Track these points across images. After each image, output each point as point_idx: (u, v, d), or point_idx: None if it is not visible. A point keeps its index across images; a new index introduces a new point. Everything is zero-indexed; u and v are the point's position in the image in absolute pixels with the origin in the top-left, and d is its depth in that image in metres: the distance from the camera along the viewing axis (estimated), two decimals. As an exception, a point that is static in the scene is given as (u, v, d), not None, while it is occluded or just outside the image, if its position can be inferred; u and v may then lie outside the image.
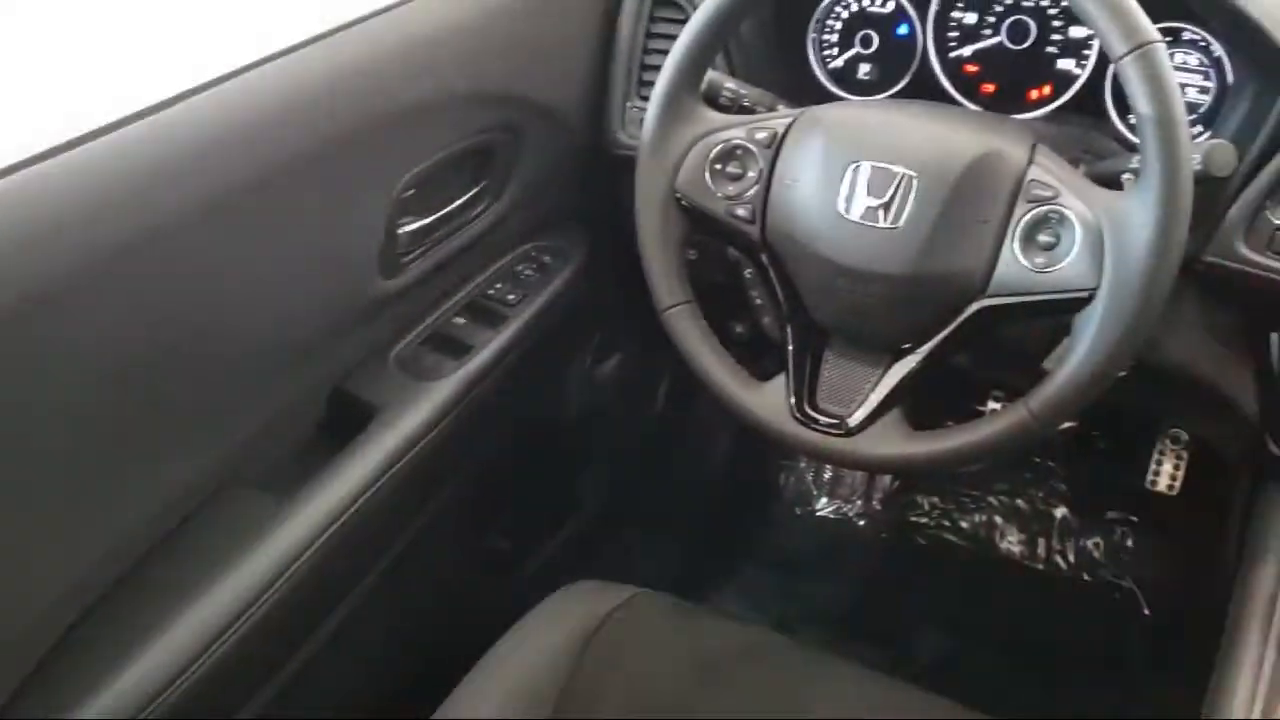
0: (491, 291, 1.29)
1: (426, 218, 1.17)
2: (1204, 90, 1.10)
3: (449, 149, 1.14)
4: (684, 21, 1.03)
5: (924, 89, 1.23)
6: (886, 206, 0.93)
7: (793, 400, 1.00)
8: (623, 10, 1.26)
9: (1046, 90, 1.18)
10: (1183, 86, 0.85)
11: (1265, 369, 1.06)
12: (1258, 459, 1.15)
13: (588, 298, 1.39)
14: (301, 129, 0.93)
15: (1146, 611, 1.68)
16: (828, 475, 1.92)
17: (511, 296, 1.28)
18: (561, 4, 1.24)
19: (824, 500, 1.90)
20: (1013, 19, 1.18)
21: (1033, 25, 1.17)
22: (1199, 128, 1.08)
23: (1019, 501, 1.81)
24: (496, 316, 1.26)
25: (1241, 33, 0.96)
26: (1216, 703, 0.98)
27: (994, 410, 1.27)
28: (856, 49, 1.26)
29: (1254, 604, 1.03)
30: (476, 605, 1.41)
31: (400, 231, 1.14)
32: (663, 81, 1.01)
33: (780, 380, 1.01)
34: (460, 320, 1.25)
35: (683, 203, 1.02)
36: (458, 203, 1.21)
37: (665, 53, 1.02)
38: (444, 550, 1.35)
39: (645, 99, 1.19)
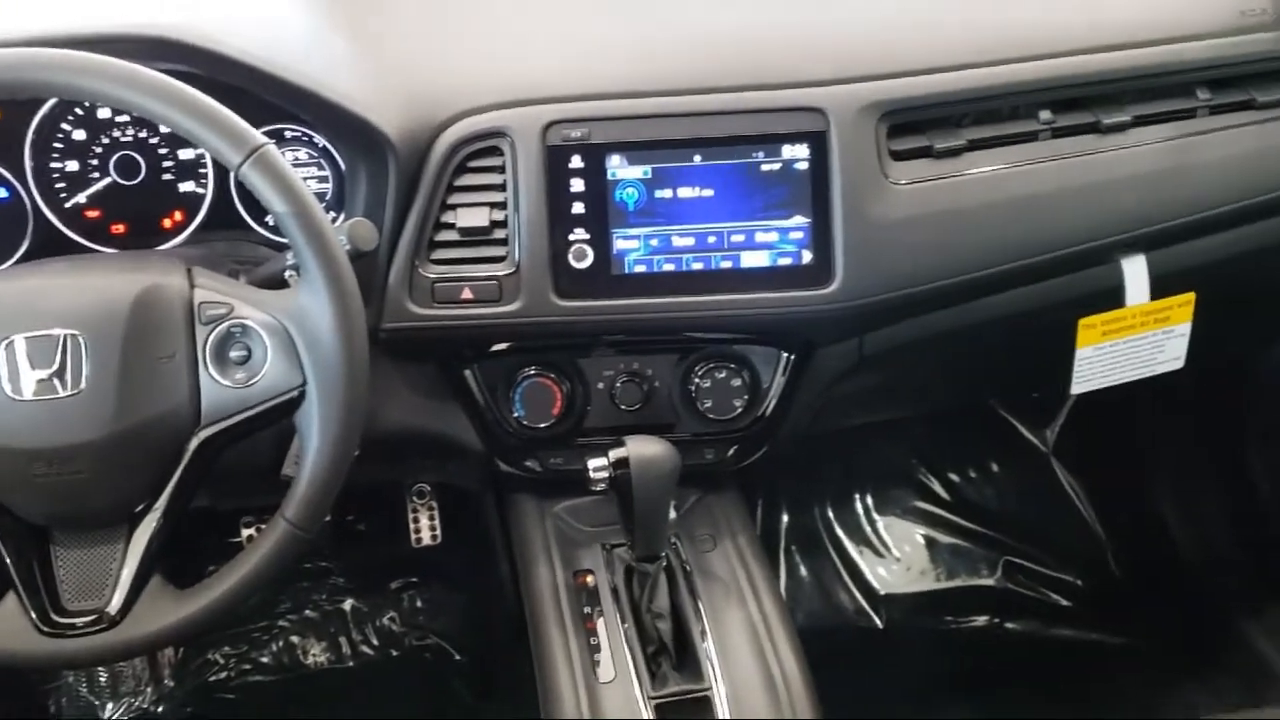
0: None
1: None
2: (323, 179, 1.17)
3: None
4: None
5: (52, 246, 1.14)
6: (60, 374, 0.85)
7: (33, 615, 0.88)
8: None
9: (179, 216, 1.17)
10: (304, 180, 0.91)
11: (470, 403, 1.17)
12: (494, 481, 1.27)
13: None
14: None
15: (458, 657, 1.77)
16: (103, 677, 1.71)
17: None
18: None
19: (110, 706, 1.69)
20: (118, 156, 1.14)
21: (140, 159, 1.15)
22: (332, 213, 1.15)
23: (308, 612, 1.79)
24: None
25: (335, 120, 1.04)
26: (547, 698, 1.07)
27: (252, 536, 1.23)
28: (-44, 224, 1.13)
29: (543, 602, 1.13)
30: None
31: None
32: None
33: (10, 600, 0.88)
34: None
35: None
36: None
37: None
38: None
39: None
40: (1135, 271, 1.21)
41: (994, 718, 1.64)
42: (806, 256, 1.09)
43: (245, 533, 1.48)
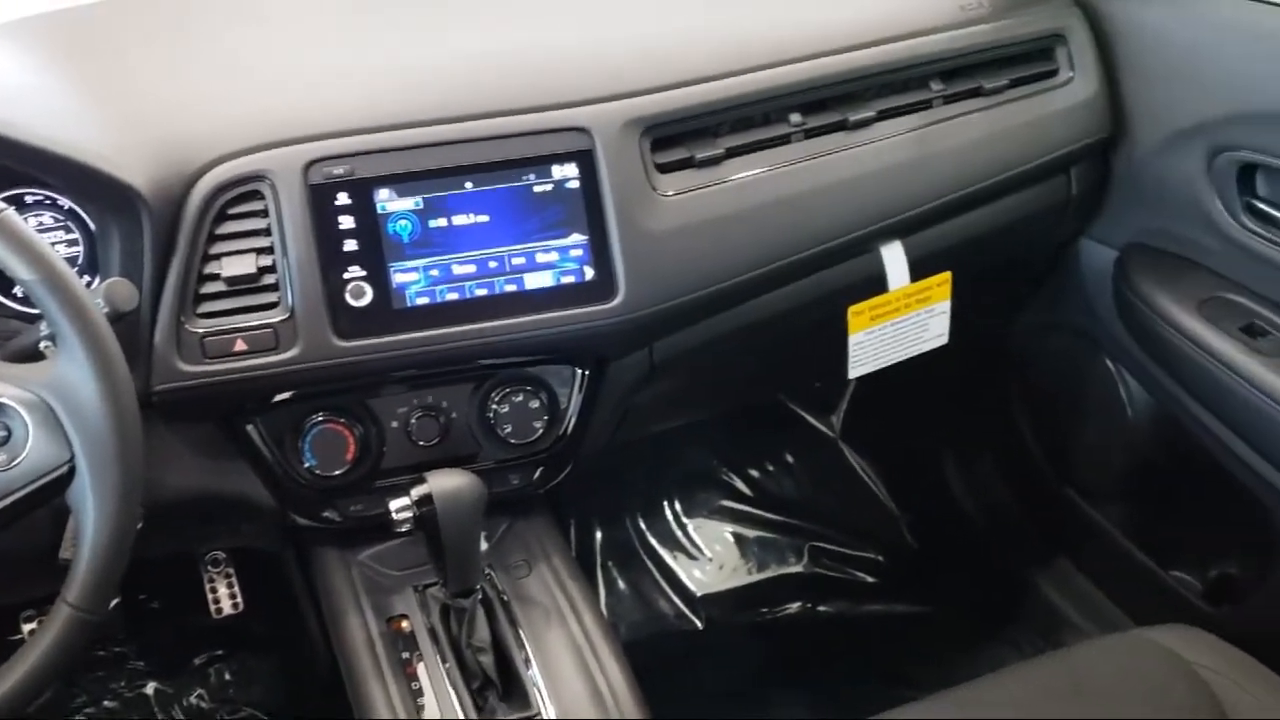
0: None
1: None
2: (73, 242, 1.10)
3: None
4: None
5: None
6: None
7: None
8: None
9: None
10: (52, 245, 0.86)
11: (257, 458, 1.12)
12: (293, 537, 1.23)
13: None
14: None
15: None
16: None
17: None
18: None
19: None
20: None
21: None
22: (87, 277, 1.09)
23: (107, 703, 1.67)
24: None
25: (78, 179, 0.98)
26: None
27: (34, 629, 1.15)
28: None
29: (358, 655, 1.10)
30: None
31: None
32: None
33: None
34: None
35: None
36: None
37: None
38: None
39: None
40: (894, 257, 1.28)
41: (814, 700, 1.70)
42: (589, 273, 1.11)
43: (26, 627, 1.38)
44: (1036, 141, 1.32)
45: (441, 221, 1.07)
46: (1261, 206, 1.25)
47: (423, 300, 1.07)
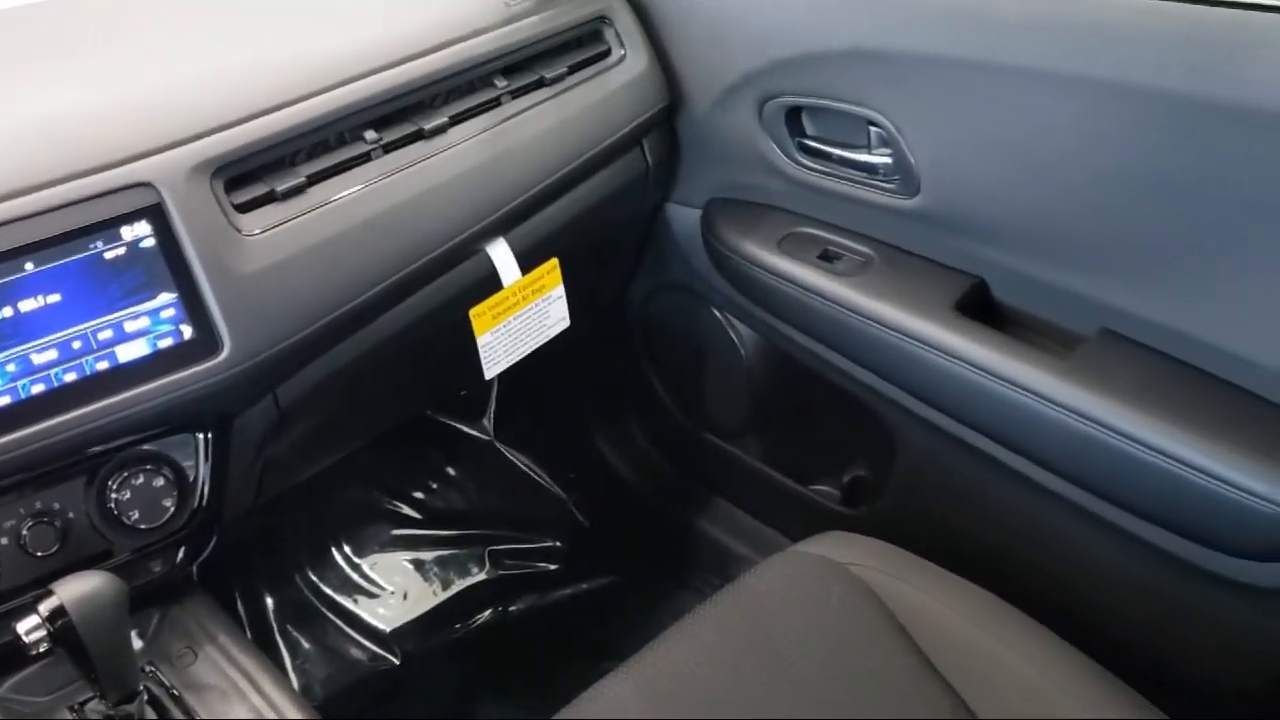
0: None
1: None
2: None
3: None
4: None
5: None
6: None
7: None
8: None
9: None
10: None
11: None
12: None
13: None
14: None
15: None
16: None
17: None
18: None
19: None
20: None
21: None
22: None
23: None
24: None
25: None
26: None
27: None
28: None
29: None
30: None
31: None
32: None
33: None
34: None
35: None
36: None
37: None
38: None
39: None
40: (500, 255, 1.30)
41: (524, 698, 1.72)
42: (187, 332, 1.04)
43: None
44: (605, 121, 1.39)
45: (7, 311, 0.97)
46: (812, 144, 1.38)
47: (4, 400, 0.97)
